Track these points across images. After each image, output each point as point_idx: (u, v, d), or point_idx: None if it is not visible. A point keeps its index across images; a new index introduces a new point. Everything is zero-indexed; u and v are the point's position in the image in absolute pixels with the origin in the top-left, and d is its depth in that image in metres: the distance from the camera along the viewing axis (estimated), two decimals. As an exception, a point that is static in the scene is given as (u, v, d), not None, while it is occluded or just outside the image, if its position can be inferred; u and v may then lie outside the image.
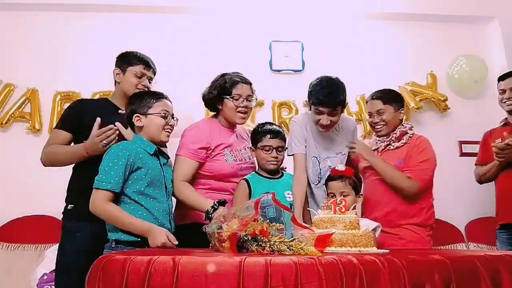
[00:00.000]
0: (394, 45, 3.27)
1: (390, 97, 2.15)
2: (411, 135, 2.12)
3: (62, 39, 3.07)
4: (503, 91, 2.36)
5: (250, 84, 2.03)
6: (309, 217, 1.97)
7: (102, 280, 1.06)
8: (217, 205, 1.72)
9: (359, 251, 1.27)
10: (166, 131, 1.79)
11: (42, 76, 2.99)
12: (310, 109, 2.11)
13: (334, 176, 1.91)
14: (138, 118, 1.78)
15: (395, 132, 2.13)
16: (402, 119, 2.19)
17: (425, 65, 3.23)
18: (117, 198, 1.64)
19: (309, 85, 2.11)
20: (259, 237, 1.23)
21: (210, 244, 1.40)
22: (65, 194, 1.94)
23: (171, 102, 1.86)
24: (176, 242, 1.59)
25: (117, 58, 2.06)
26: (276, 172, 2.05)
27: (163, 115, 1.78)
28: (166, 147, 2.00)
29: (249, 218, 1.28)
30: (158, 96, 1.84)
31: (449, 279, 1.08)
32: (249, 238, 1.23)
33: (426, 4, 3.28)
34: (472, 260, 1.15)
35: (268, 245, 1.20)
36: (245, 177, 2.02)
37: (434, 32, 3.31)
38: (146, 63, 2.03)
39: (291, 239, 1.26)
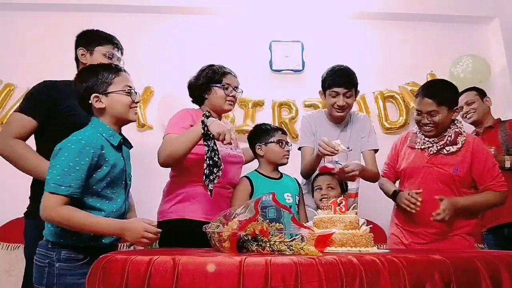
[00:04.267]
0: (394, 45, 3.26)
1: (446, 97, 1.91)
2: (465, 136, 1.93)
3: (62, 39, 3.05)
4: (461, 108, 2.50)
5: (236, 77, 2.05)
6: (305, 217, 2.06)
7: (102, 280, 1.06)
8: (208, 113, 1.72)
9: (359, 251, 1.27)
10: (133, 109, 1.55)
11: (42, 76, 2.96)
12: (325, 97, 2.16)
13: (322, 172, 2.01)
14: (98, 99, 1.49)
15: (449, 134, 1.93)
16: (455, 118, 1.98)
17: (425, 65, 3.21)
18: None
19: (322, 76, 2.19)
20: (259, 237, 1.23)
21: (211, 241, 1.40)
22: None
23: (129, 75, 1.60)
24: (160, 230, 1.43)
25: (79, 36, 1.87)
26: (276, 173, 2.07)
27: (128, 91, 1.53)
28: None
29: (249, 218, 1.28)
30: (116, 69, 1.56)
31: (449, 279, 1.08)
32: (249, 238, 1.23)
33: (426, 4, 3.27)
34: (472, 260, 1.15)
35: (268, 245, 1.20)
36: (246, 174, 2.03)
37: (434, 32, 3.30)
38: (115, 43, 1.87)
39: (291, 239, 1.26)
